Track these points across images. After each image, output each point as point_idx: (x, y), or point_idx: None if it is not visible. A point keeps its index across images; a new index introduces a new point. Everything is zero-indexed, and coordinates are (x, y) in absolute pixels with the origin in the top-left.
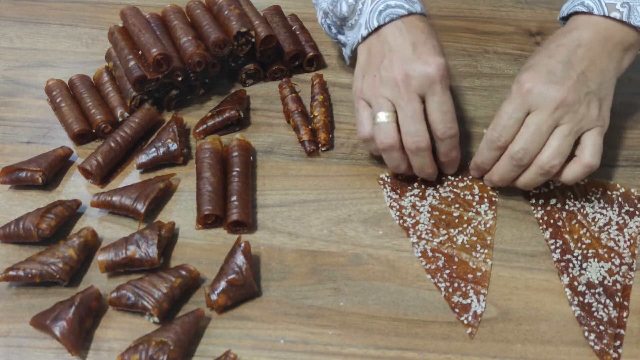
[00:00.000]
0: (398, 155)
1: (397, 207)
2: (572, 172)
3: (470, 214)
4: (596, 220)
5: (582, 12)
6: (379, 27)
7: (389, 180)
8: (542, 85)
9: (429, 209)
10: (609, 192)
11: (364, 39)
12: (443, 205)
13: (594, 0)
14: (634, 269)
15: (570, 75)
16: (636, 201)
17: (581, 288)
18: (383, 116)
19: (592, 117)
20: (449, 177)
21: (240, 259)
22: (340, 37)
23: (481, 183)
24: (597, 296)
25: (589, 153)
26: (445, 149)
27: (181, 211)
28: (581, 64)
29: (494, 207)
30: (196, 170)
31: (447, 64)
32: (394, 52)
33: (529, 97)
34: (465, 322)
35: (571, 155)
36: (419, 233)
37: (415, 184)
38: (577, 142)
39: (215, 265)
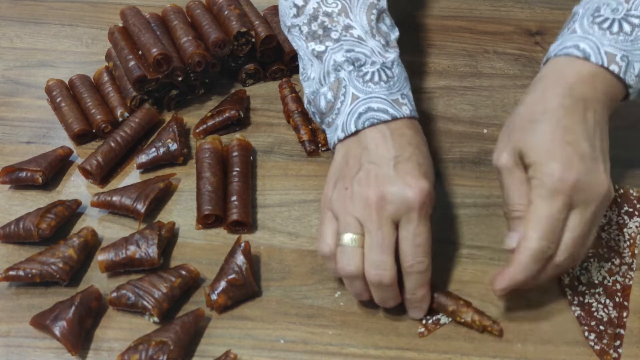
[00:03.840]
0: (360, 285)
1: None
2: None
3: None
4: None
5: (576, 57)
6: (357, 132)
7: None
8: (584, 175)
9: None
10: None
11: (340, 140)
12: None
13: (591, 45)
14: (634, 269)
15: (598, 156)
16: (635, 201)
17: (581, 288)
18: (348, 238)
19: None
20: None
21: (240, 259)
22: (323, 126)
23: None
24: (597, 296)
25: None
26: (412, 285)
27: (181, 211)
28: (598, 135)
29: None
30: (196, 170)
31: (430, 190)
32: (372, 164)
33: (575, 192)
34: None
35: None
36: None
37: None
38: None
39: (215, 265)
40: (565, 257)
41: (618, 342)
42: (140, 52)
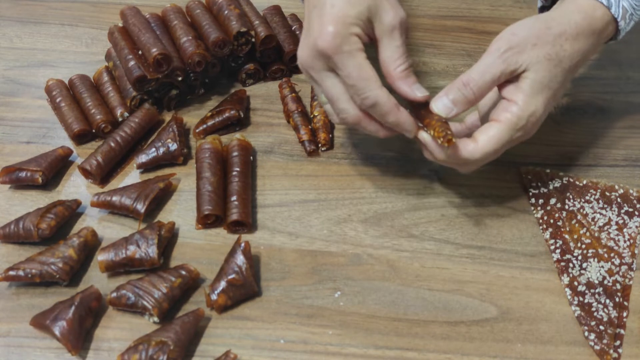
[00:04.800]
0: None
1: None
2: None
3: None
4: (596, 220)
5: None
6: None
7: None
8: (540, 121)
9: None
10: (607, 193)
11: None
12: None
13: None
14: (634, 269)
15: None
16: (635, 201)
17: (581, 288)
18: (322, 98)
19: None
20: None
21: (240, 259)
22: None
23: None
24: (597, 296)
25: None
26: (377, 116)
27: (181, 211)
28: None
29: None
30: (196, 170)
31: (339, 30)
32: (307, 24)
33: (529, 132)
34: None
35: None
36: None
37: None
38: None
39: (215, 265)
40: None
41: (618, 342)
42: (140, 52)
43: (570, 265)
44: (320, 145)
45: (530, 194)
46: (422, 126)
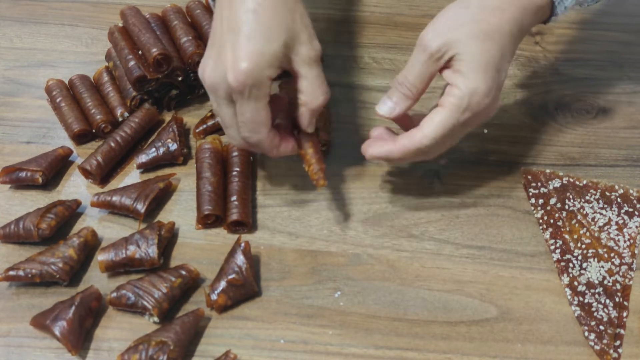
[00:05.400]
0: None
1: None
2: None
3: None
4: (596, 220)
5: None
6: None
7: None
8: (492, 104)
9: None
10: (607, 193)
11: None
12: None
13: None
14: (634, 268)
15: (501, 84)
16: (635, 201)
17: (581, 288)
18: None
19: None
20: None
21: (240, 259)
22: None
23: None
24: (597, 296)
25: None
26: (256, 149)
27: (181, 211)
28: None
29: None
30: (196, 170)
31: (253, 68)
32: (211, 42)
33: (479, 115)
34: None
35: None
36: None
37: None
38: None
39: (215, 265)
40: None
41: (618, 342)
42: (140, 52)
43: (570, 265)
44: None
45: (530, 194)
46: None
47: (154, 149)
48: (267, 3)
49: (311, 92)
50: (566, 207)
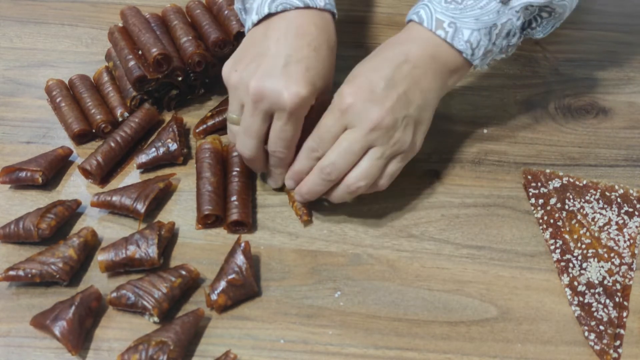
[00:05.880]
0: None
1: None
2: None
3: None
4: (596, 220)
5: (415, 22)
6: (270, 15)
7: None
8: (361, 103)
9: None
10: (607, 193)
11: (254, 25)
12: None
13: (427, 12)
14: (634, 269)
15: (390, 95)
16: (635, 202)
17: (581, 288)
18: (232, 118)
19: (404, 143)
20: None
21: (240, 259)
22: (245, 17)
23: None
24: (597, 296)
25: (385, 176)
26: (272, 163)
27: (181, 211)
28: (404, 83)
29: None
30: (196, 170)
31: (308, 97)
32: (264, 57)
33: (347, 113)
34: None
35: None
36: None
37: None
38: None
39: (215, 265)
40: (326, 164)
41: (618, 342)
42: (140, 52)
43: (570, 265)
44: None
45: (530, 194)
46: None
47: (154, 149)
48: (323, 47)
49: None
50: (566, 207)
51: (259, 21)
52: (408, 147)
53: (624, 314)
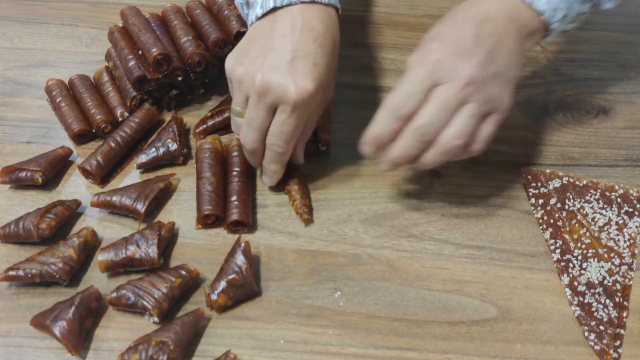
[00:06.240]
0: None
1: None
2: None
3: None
4: (596, 220)
5: None
6: (275, 9)
7: None
8: (452, 57)
9: None
10: (607, 193)
11: (258, 18)
12: None
13: None
14: (634, 269)
15: (479, 51)
16: (635, 202)
17: (581, 288)
18: (235, 111)
19: (498, 100)
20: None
21: (240, 259)
22: (247, 12)
23: None
24: (597, 296)
25: (480, 140)
26: (267, 158)
27: (181, 211)
28: (489, 40)
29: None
30: (196, 170)
31: (314, 92)
32: (271, 51)
33: (438, 67)
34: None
35: None
36: None
37: None
38: None
39: (215, 265)
40: (422, 123)
41: (618, 342)
42: (140, 52)
43: (570, 265)
44: (320, 145)
45: (530, 194)
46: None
47: (154, 149)
48: (328, 44)
49: (309, 129)
50: (566, 207)
51: (264, 15)
52: (501, 105)
53: (624, 314)
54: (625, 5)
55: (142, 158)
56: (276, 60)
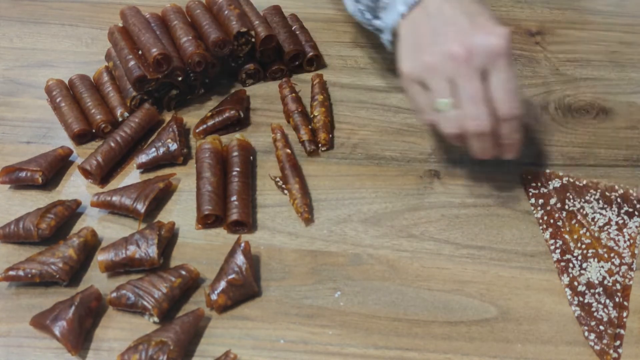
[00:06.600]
0: (463, 139)
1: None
2: None
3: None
4: (596, 220)
5: None
6: (420, 1)
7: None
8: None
9: None
10: (607, 193)
11: (404, 16)
12: None
13: None
14: (634, 269)
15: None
16: (635, 201)
17: (581, 288)
18: (443, 104)
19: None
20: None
21: (240, 259)
22: (376, 22)
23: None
24: (597, 296)
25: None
26: (508, 131)
27: (181, 211)
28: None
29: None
30: (196, 170)
31: (510, 33)
32: (447, 25)
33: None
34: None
35: None
36: None
37: None
38: None
39: (215, 265)
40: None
41: (618, 342)
42: (140, 52)
43: (570, 265)
44: (320, 145)
45: (530, 194)
46: (284, 188)
47: (154, 149)
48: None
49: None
50: (566, 207)
51: (409, 10)
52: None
53: (624, 314)
54: (626, 5)
55: (142, 158)
56: (458, 29)
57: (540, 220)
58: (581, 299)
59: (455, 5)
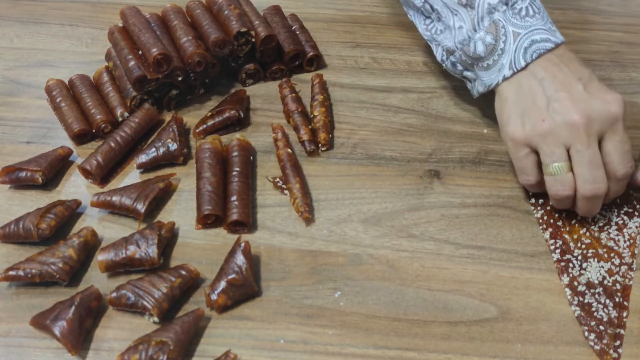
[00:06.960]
0: (569, 201)
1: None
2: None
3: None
4: (596, 220)
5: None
6: (527, 66)
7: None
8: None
9: None
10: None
11: (506, 78)
12: None
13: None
14: (634, 269)
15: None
16: (635, 202)
17: (581, 288)
18: (557, 167)
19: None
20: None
21: (240, 259)
22: (468, 73)
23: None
24: (597, 296)
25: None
26: (618, 188)
27: (181, 211)
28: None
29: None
30: (196, 170)
31: (623, 100)
32: (561, 92)
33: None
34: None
35: None
36: None
37: None
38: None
39: (215, 265)
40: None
41: (618, 342)
42: (140, 52)
43: (570, 265)
44: (320, 145)
45: (530, 194)
46: (283, 188)
47: (154, 149)
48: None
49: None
50: None
51: (513, 74)
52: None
53: (624, 314)
54: (626, 5)
55: (142, 158)
56: (575, 96)
57: (540, 220)
58: (581, 299)
59: (565, 71)
